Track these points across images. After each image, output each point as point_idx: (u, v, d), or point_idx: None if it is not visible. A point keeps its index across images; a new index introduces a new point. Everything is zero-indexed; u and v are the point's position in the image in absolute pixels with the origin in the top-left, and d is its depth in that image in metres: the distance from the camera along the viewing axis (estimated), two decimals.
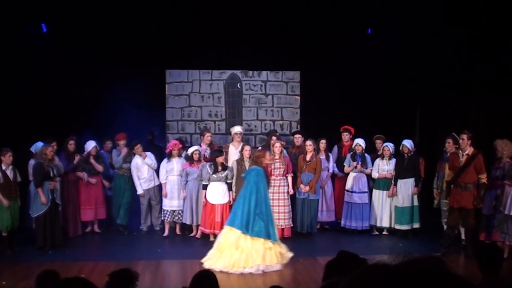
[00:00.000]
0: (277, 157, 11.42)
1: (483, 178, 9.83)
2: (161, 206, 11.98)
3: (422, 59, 13.55)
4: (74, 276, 3.48)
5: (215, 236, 11.19)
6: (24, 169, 11.08)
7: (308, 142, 11.75)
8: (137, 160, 11.96)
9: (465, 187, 9.82)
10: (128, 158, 12.11)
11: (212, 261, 9.15)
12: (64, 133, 11.87)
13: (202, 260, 9.31)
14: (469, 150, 9.91)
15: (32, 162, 11.00)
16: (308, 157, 11.68)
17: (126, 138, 12.23)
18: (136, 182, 12.02)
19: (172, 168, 11.74)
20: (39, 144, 10.87)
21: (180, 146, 12.04)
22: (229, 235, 9.25)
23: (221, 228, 11.11)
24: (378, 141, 12.53)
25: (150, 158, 11.98)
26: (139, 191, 12.04)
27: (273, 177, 11.42)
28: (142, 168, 11.97)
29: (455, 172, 9.97)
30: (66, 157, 11.56)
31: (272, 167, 11.39)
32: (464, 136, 9.96)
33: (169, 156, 11.77)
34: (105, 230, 12.30)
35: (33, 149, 10.95)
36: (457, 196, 9.88)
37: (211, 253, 9.34)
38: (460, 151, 10.00)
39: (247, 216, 9.08)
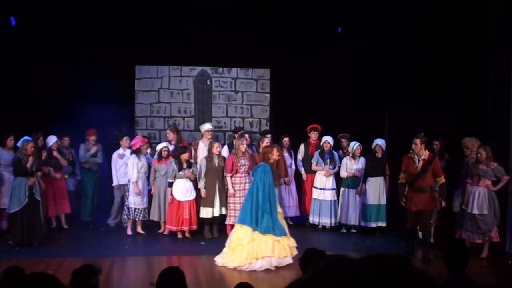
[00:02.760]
0: (241, 155, 11.47)
1: (442, 179, 9.81)
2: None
3: (392, 59, 13.64)
4: (39, 271, 3.45)
5: (183, 233, 11.22)
6: None
7: (265, 140, 11.81)
8: (119, 153, 11.97)
9: (422, 190, 9.74)
10: (95, 154, 12.09)
11: (225, 259, 9.32)
12: (31, 128, 11.71)
13: (215, 258, 9.48)
14: (425, 154, 9.76)
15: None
16: None
17: (96, 134, 12.19)
18: (114, 174, 11.99)
19: (143, 165, 11.58)
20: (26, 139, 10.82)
21: (146, 141, 12.01)
22: (239, 232, 9.36)
23: (190, 224, 11.17)
24: (343, 140, 12.67)
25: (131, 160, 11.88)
26: (115, 182, 11.99)
27: (238, 174, 11.46)
28: (119, 162, 11.95)
29: (410, 176, 9.87)
30: (37, 152, 11.40)
31: (238, 164, 11.43)
32: (417, 141, 9.73)
33: (138, 152, 11.54)
34: (71, 226, 12.17)
35: (19, 144, 10.82)
36: (414, 199, 9.76)
37: (224, 251, 9.48)
38: (416, 156, 9.79)
39: (256, 212, 9.19)
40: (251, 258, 9.09)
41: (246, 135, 12.24)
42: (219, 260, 9.41)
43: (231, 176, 11.48)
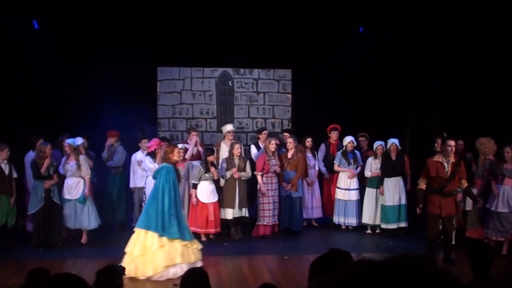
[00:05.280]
0: (271, 154, 11.46)
1: (465, 182, 9.57)
2: None
3: (414, 58, 13.57)
4: (65, 272, 3.49)
5: (207, 235, 11.21)
6: (19, 165, 11.19)
7: (289, 140, 11.80)
8: (137, 156, 11.98)
9: (450, 194, 9.50)
10: (111, 157, 12.19)
11: (131, 268, 8.37)
12: (54, 130, 11.83)
13: (126, 272, 8.79)
14: (452, 157, 9.44)
15: (29, 156, 11.09)
16: (289, 155, 11.72)
17: (114, 135, 12.27)
18: (131, 176, 12.07)
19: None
20: (73, 140, 11.03)
21: (163, 144, 11.92)
22: (145, 238, 8.71)
23: (215, 226, 11.16)
24: (361, 139, 12.63)
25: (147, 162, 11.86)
26: (131, 184, 12.07)
27: (269, 174, 11.44)
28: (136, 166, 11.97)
29: (438, 181, 9.42)
30: (62, 155, 11.46)
31: (269, 164, 11.41)
32: (453, 143, 9.36)
33: (154, 155, 11.30)
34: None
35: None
36: (443, 204, 9.40)
37: (128, 259, 8.62)
38: (444, 159, 9.40)
39: (162, 217, 8.65)
40: (162, 266, 8.56)
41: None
42: (132, 267, 8.55)
43: (262, 176, 11.48)
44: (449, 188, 9.44)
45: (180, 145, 11.73)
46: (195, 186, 11.16)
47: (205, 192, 11.17)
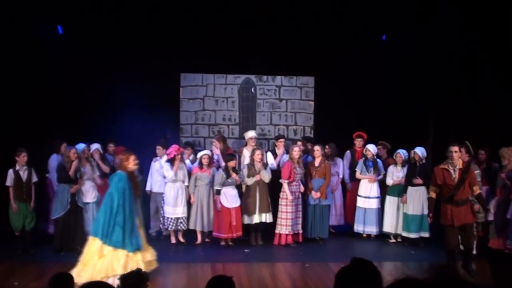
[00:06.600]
0: (296, 162, 11.42)
1: (477, 189, 9.27)
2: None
3: (437, 66, 13.49)
4: (96, 281, 3.52)
5: (227, 240, 11.24)
6: (43, 169, 11.33)
7: (316, 148, 11.77)
8: (156, 168, 12.03)
9: (462, 203, 9.19)
10: None
11: (75, 273, 8.09)
12: (78, 135, 11.91)
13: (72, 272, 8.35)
14: (459, 163, 9.23)
15: (53, 159, 11.26)
16: (317, 163, 11.69)
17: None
18: (148, 179, 12.16)
19: (173, 174, 11.46)
20: (81, 145, 11.12)
21: (182, 150, 11.95)
22: (92, 245, 8.56)
23: (236, 230, 11.19)
24: (379, 147, 12.55)
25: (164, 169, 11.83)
26: (147, 187, 12.14)
27: (294, 182, 11.41)
28: (158, 171, 12.02)
29: (446, 189, 9.24)
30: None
31: (295, 172, 11.37)
32: (456, 149, 9.22)
33: (172, 161, 11.43)
34: None
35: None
36: (455, 213, 9.13)
37: (77, 266, 8.48)
38: (450, 166, 9.21)
39: (108, 224, 8.45)
40: (101, 277, 8.21)
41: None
42: (74, 273, 8.03)
43: (288, 184, 11.42)
44: (460, 196, 9.15)
45: (204, 151, 11.81)
46: (218, 192, 11.20)
47: (228, 197, 11.23)
